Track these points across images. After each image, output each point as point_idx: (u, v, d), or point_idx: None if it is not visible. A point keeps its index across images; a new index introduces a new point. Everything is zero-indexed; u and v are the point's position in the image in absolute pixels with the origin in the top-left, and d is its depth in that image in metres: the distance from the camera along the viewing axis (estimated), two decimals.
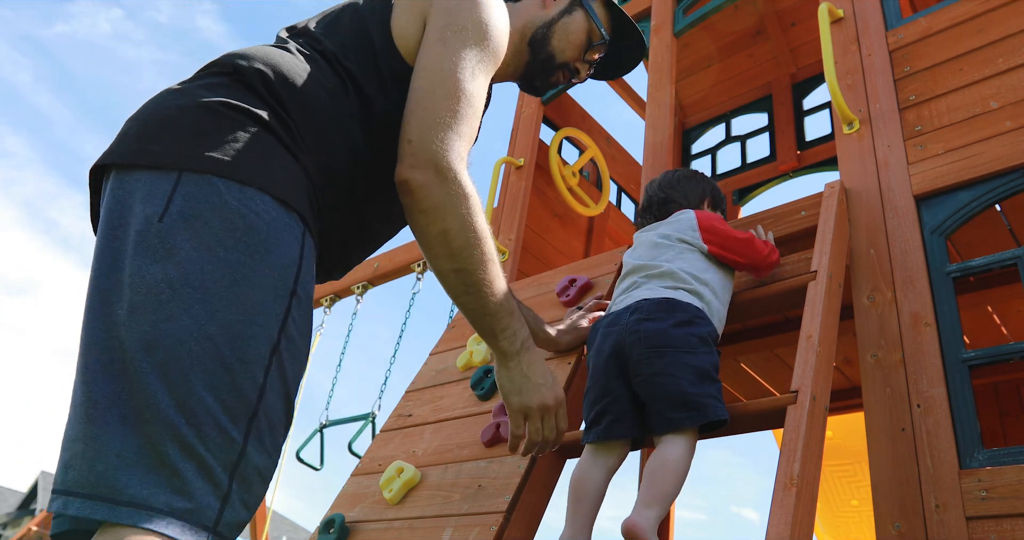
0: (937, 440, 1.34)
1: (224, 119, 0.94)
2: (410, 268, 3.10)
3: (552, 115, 3.03)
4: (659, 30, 2.53)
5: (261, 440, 0.85)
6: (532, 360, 1.20)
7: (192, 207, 0.88)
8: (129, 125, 0.97)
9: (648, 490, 1.23)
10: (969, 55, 1.72)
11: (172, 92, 0.99)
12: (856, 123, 1.81)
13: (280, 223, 0.92)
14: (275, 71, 1.01)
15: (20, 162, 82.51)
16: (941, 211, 1.58)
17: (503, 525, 1.44)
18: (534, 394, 1.20)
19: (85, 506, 0.76)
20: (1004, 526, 1.21)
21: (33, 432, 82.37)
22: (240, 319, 0.85)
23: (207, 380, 0.82)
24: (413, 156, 1.02)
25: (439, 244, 1.06)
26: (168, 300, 0.83)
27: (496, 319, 1.14)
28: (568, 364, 1.76)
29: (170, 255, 0.85)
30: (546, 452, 1.21)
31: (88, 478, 0.77)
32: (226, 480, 0.81)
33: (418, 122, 1.03)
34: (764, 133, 3.52)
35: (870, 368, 1.49)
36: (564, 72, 1.41)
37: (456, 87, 1.05)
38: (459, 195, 1.03)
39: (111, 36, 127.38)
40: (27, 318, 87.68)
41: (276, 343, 0.88)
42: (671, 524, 2.65)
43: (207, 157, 0.91)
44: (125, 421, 0.79)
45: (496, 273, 1.10)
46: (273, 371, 0.88)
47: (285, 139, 0.98)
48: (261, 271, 0.88)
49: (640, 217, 1.75)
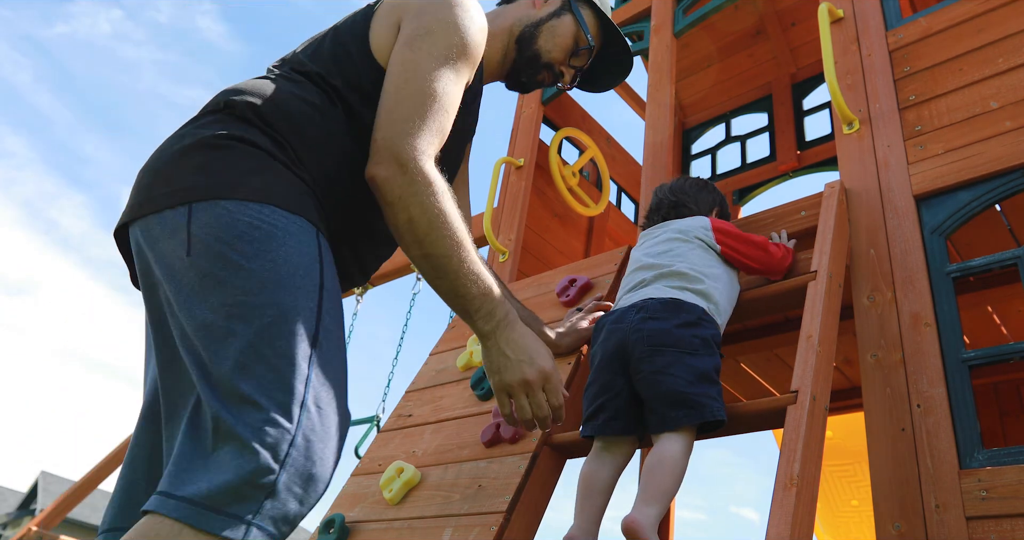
0: (937, 440, 1.34)
1: (221, 150, 1.02)
2: (410, 268, 3.10)
3: (552, 115, 3.03)
4: (659, 30, 2.53)
5: (312, 431, 0.90)
6: (510, 338, 1.19)
7: (210, 233, 0.95)
8: (139, 178, 1.06)
9: (647, 488, 1.24)
10: (969, 55, 1.72)
11: (173, 138, 1.08)
12: (856, 123, 1.81)
13: (294, 227, 0.99)
14: (263, 99, 1.09)
15: (20, 162, 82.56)
16: (941, 211, 1.58)
17: (503, 525, 1.44)
18: (514, 371, 1.20)
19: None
20: (1004, 526, 1.21)
21: (33, 432, 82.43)
22: (277, 320, 0.92)
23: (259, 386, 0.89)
24: (377, 153, 1.08)
25: (407, 232, 1.09)
26: (221, 327, 0.92)
27: (468, 300, 1.15)
28: (568, 364, 1.76)
29: (208, 285, 0.93)
30: (551, 428, 1.20)
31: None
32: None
33: (382, 122, 1.09)
34: (764, 133, 3.52)
35: (870, 368, 1.49)
36: (549, 73, 1.46)
37: (419, 85, 1.11)
38: (420, 184, 1.07)
39: (111, 36, 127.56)
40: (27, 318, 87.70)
41: (315, 335, 0.95)
42: (671, 524, 2.64)
43: (211, 186, 0.98)
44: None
45: (466, 257, 1.12)
46: (314, 362, 0.94)
47: (282, 158, 1.05)
48: (289, 273, 0.95)
49: (647, 218, 1.75)
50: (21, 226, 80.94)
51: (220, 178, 0.99)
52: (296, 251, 0.97)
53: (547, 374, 1.22)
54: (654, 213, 1.73)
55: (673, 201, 1.70)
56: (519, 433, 1.64)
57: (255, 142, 1.03)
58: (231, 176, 0.99)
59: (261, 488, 0.82)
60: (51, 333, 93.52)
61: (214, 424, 0.86)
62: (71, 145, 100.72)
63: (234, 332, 0.90)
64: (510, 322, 1.20)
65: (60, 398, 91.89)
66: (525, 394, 1.22)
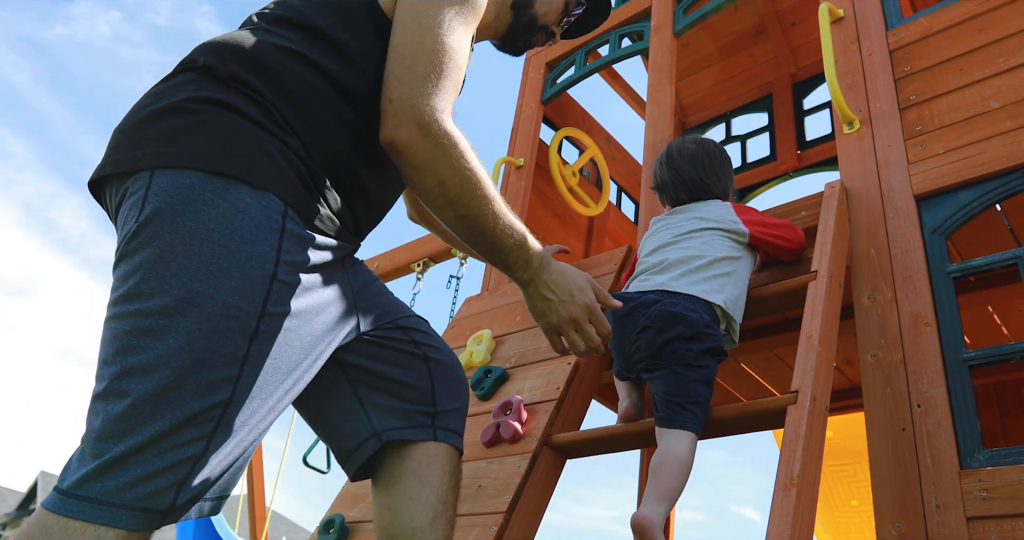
0: (937, 440, 1.34)
1: (195, 114, 0.96)
2: (410, 268, 3.10)
3: (552, 115, 3.02)
4: (659, 30, 2.52)
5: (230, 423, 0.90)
6: (548, 280, 1.19)
7: (165, 204, 0.90)
8: (113, 136, 1.01)
9: (655, 486, 1.28)
10: (969, 55, 1.72)
11: (147, 97, 1.02)
12: (856, 123, 1.80)
13: (255, 209, 0.93)
14: (246, 57, 1.02)
15: (20, 163, 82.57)
16: (941, 211, 1.58)
17: (503, 525, 1.44)
18: (559, 311, 1.20)
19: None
20: (1004, 526, 1.21)
21: (33, 432, 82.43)
22: (216, 312, 0.88)
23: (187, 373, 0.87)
24: (395, 116, 1.02)
25: (438, 196, 1.06)
26: (141, 300, 0.88)
27: (506, 253, 1.14)
28: (568, 364, 1.76)
29: (144, 253, 0.89)
30: (601, 353, 1.24)
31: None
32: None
33: (397, 81, 1.03)
34: (764, 133, 3.52)
35: (870, 368, 1.49)
36: (543, 34, 1.44)
37: (435, 41, 1.06)
38: (447, 145, 1.03)
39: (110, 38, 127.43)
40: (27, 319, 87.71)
41: (255, 330, 0.91)
42: (671, 524, 2.65)
43: (178, 153, 0.93)
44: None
45: (499, 210, 1.11)
46: (253, 357, 0.91)
47: (263, 121, 0.99)
48: (238, 261, 0.91)
49: (670, 194, 1.70)
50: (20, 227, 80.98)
51: (187, 147, 0.94)
52: (252, 239, 0.92)
53: (590, 307, 1.22)
54: (676, 189, 1.67)
55: (696, 181, 1.65)
56: (519, 433, 1.64)
57: (233, 105, 0.98)
58: (198, 145, 0.94)
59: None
60: (51, 333, 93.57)
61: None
62: (71, 146, 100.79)
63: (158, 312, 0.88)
64: (545, 265, 1.19)
65: (60, 398, 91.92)
66: (574, 330, 1.22)
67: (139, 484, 0.84)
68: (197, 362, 0.87)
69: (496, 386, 1.87)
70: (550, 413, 1.66)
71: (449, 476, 1.18)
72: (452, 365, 1.26)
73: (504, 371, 1.89)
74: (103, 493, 0.83)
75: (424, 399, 1.20)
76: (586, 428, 1.68)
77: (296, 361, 1.00)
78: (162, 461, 0.85)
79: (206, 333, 0.88)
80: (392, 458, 1.17)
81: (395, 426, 1.17)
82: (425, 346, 1.24)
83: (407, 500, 1.13)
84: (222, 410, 0.89)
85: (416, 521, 1.12)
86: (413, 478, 1.15)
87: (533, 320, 1.67)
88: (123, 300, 0.89)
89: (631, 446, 1.60)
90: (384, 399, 1.18)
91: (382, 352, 1.20)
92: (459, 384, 1.26)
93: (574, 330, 1.21)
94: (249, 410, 0.93)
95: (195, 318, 0.88)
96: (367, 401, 1.18)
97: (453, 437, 1.21)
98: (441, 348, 1.27)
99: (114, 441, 0.84)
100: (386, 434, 1.16)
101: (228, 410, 0.90)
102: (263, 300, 0.92)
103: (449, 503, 1.17)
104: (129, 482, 0.83)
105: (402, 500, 1.13)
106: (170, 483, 0.85)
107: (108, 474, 0.83)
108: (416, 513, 1.12)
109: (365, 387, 1.18)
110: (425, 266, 3.06)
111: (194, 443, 0.87)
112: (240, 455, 0.94)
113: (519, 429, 1.65)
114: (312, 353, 1.03)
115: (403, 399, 1.19)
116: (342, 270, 1.12)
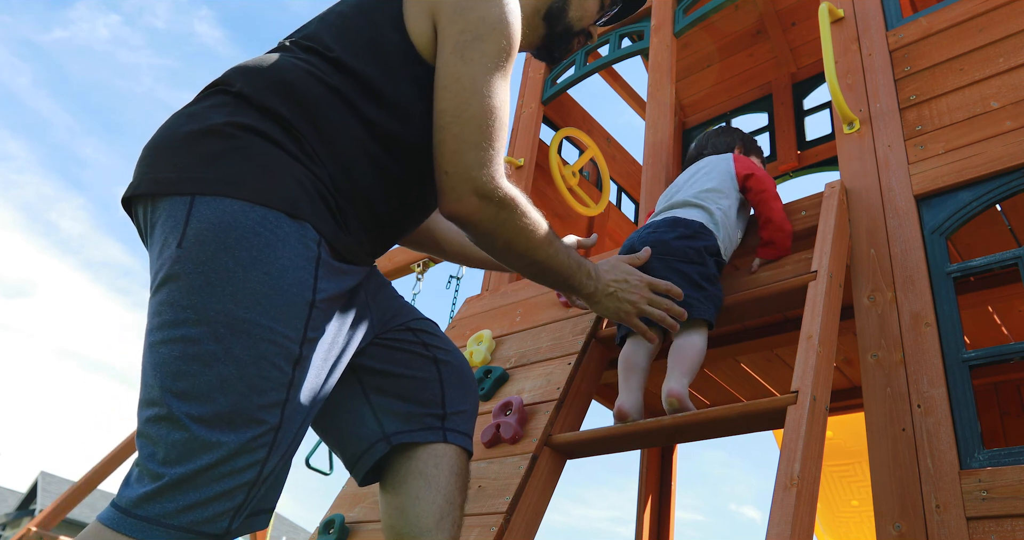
0: (937, 440, 1.34)
1: (231, 139, 0.97)
2: (410, 268, 3.10)
3: (552, 115, 3.02)
4: (659, 30, 2.52)
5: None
6: (608, 283, 1.33)
7: (208, 230, 0.92)
8: (145, 153, 1.02)
9: (677, 367, 1.45)
10: (969, 55, 1.72)
11: (182, 116, 1.02)
12: (856, 123, 1.80)
13: (294, 239, 0.95)
14: (279, 85, 1.02)
15: (20, 165, 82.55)
16: (941, 211, 1.58)
17: (503, 525, 1.44)
18: (624, 303, 1.34)
19: None
20: (1005, 526, 1.21)
21: (33, 433, 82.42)
22: (263, 338, 0.91)
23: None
24: (453, 189, 1.04)
25: (505, 252, 1.14)
26: (181, 325, 0.90)
27: (571, 279, 1.26)
28: (568, 365, 1.76)
29: (188, 281, 0.90)
30: (680, 317, 1.40)
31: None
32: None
33: (451, 152, 1.04)
34: (764, 133, 3.52)
35: (870, 368, 1.49)
36: (580, 38, 1.42)
37: (480, 105, 1.04)
38: (509, 209, 1.08)
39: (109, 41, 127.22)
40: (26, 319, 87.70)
41: (298, 355, 0.94)
42: (671, 524, 2.65)
43: (219, 180, 0.94)
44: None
45: (557, 246, 1.20)
46: (296, 380, 0.94)
47: (296, 152, 1.00)
48: (281, 289, 0.93)
49: (692, 159, 1.95)
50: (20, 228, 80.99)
51: (227, 173, 0.94)
52: (290, 267, 0.94)
53: (646, 281, 1.37)
54: (696, 151, 1.96)
55: (694, 155, 1.93)
56: (519, 433, 1.64)
57: (267, 134, 0.98)
58: (238, 173, 0.94)
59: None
60: (51, 334, 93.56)
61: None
62: (70, 148, 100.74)
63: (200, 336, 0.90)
64: (597, 272, 1.31)
65: (60, 398, 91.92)
66: (649, 306, 1.35)
67: (197, 508, 0.85)
68: (250, 388, 0.89)
69: (496, 386, 1.87)
70: (550, 413, 1.66)
71: (456, 477, 1.18)
72: (462, 367, 1.27)
73: (504, 371, 1.89)
74: (162, 514, 0.84)
75: (434, 401, 1.20)
76: (586, 428, 1.68)
77: (325, 377, 1.02)
78: (220, 486, 0.86)
79: (255, 359, 0.89)
80: (400, 459, 1.17)
81: (405, 429, 1.17)
82: (435, 348, 1.25)
83: (414, 500, 1.14)
84: (273, 435, 0.91)
85: (423, 521, 1.12)
86: (420, 478, 1.15)
87: (533, 320, 1.68)
88: (169, 326, 0.90)
89: (631, 446, 1.60)
90: (394, 402, 1.19)
91: (393, 354, 1.20)
92: (468, 386, 1.27)
93: (648, 306, 1.35)
94: (292, 431, 0.95)
95: (243, 345, 0.89)
96: (377, 404, 1.19)
97: (462, 438, 1.21)
98: (451, 350, 1.28)
99: (171, 465, 0.85)
100: (395, 437, 1.17)
101: (278, 435, 0.91)
102: (304, 326, 0.95)
103: (456, 504, 1.17)
104: (188, 505, 0.84)
105: (409, 500, 1.14)
106: (227, 509, 0.87)
107: (167, 496, 0.84)
108: (423, 513, 1.13)
109: (375, 389, 1.19)
110: (425, 266, 3.06)
111: (249, 469, 0.88)
112: (284, 471, 0.97)
113: (519, 429, 1.65)
114: (337, 367, 1.06)
115: (413, 401, 1.19)
116: (359, 283, 1.14)
